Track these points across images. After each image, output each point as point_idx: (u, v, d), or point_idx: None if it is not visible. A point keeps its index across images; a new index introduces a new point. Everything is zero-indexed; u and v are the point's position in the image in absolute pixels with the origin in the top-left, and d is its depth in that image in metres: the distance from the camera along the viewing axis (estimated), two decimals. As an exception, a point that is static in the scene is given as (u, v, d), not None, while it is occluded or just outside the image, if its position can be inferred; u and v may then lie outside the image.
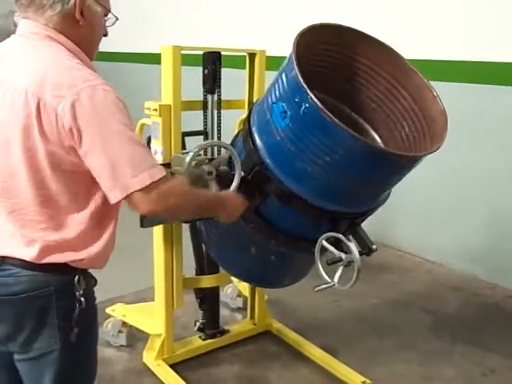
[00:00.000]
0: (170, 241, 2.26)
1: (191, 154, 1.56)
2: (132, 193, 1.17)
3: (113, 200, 1.19)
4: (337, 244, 1.68)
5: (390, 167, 1.55)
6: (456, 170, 3.38)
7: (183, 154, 1.66)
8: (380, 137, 1.91)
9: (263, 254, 1.90)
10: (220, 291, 2.93)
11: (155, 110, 2.11)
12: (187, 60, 2.19)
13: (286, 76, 1.53)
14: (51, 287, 1.24)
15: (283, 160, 1.58)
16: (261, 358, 2.52)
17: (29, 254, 1.22)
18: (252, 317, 2.71)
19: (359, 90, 1.84)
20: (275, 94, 1.58)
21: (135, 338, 2.57)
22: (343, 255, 1.63)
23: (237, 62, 2.63)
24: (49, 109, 1.14)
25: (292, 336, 2.62)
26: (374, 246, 1.71)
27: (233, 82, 2.49)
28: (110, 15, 1.35)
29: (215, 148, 2.20)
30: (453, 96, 3.30)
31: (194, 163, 1.58)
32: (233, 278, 2.82)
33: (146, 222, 2.09)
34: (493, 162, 3.24)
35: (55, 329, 1.26)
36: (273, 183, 1.61)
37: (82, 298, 1.29)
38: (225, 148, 1.65)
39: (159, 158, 2.15)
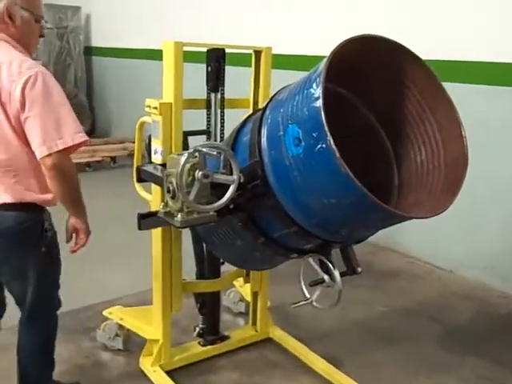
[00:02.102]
0: (169, 243, 2.18)
1: (186, 155, 1.48)
2: (55, 152, 1.61)
3: (39, 156, 1.62)
4: (322, 263, 1.66)
5: (393, 220, 1.50)
6: (470, 176, 3.26)
7: (179, 155, 1.58)
8: (395, 152, 1.82)
9: (248, 248, 1.85)
10: (222, 295, 2.87)
11: (155, 108, 2.03)
12: (193, 57, 2.12)
13: (309, 99, 1.43)
14: (30, 221, 1.76)
15: (287, 184, 1.52)
16: (261, 366, 2.44)
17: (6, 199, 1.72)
18: (253, 323, 2.63)
19: (389, 99, 1.75)
20: (293, 112, 1.48)
21: (132, 342, 2.50)
22: (326, 277, 1.61)
23: (241, 59, 2.55)
24: (5, 91, 1.61)
25: (294, 344, 2.53)
26: (359, 269, 1.73)
27: (238, 80, 2.41)
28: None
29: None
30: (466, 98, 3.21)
31: (188, 165, 1.50)
32: (235, 283, 2.76)
33: (144, 224, 2.02)
34: (508, 168, 3.12)
35: (35, 248, 1.80)
36: (270, 199, 1.55)
37: (50, 227, 1.83)
38: (223, 151, 1.56)
39: (159, 158, 2.08)
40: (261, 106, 2.27)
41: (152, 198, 2.17)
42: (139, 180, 2.06)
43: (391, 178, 1.80)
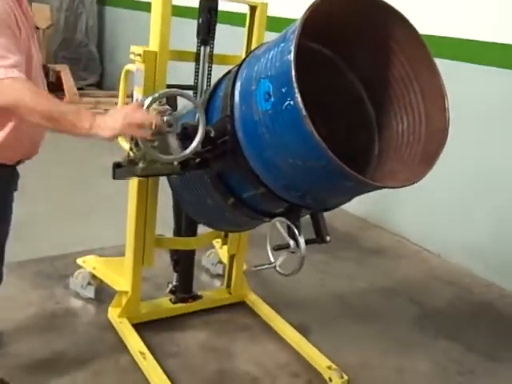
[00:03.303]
0: (145, 196, 2.15)
1: (150, 98, 1.43)
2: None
3: None
4: (289, 228, 1.61)
5: (362, 189, 1.44)
6: (466, 164, 3.18)
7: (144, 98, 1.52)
8: (378, 119, 1.75)
9: (218, 208, 1.81)
10: (202, 256, 2.85)
11: (139, 55, 1.97)
12: (186, 12, 2.05)
13: (282, 53, 1.36)
14: None
15: (255, 141, 1.46)
16: (230, 329, 2.43)
17: None
18: (228, 285, 2.62)
19: (374, 62, 1.67)
20: (267, 66, 1.41)
21: (104, 292, 2.50)
22: (291, 242, 1.56)
23: (236, 18, 2.46)
24: None
25: (266, 310, 2.52)
26: (328, 238, 1.67)
27: (232, 39, 2.33)
28: None
29: None
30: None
31: (154, 112, 1.44)
32: (215, 244, 2.73)
33: (118, 173, 1.98)
34: (503, 160, 3.03)
35: None
36: (238, 156, 1.49)
37: None
38: (191, 101, 1.50)
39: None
40: (252, 64, 2.21)
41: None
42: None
43: (372, 147, 1.74)
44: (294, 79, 1.28)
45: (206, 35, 2.11)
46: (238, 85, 1.54)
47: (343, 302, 2.78)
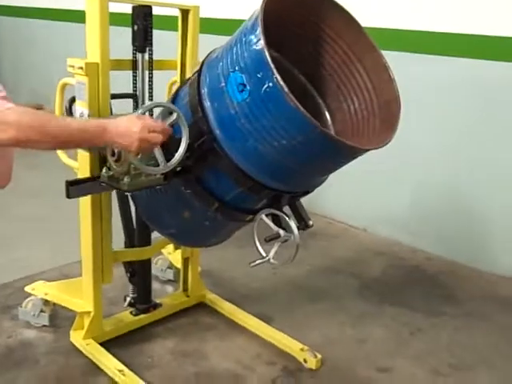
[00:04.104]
0: (99, 211, 2.09)
1: (139, 111, 1.41)
2: None
3: None
4: (275, 219, 1.67)
5: (344, 156, 1.54)
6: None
7: (123, 114, 1.50)
8: (327, 106, 1.87)
9: (197, 218, 1.82)
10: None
11: (80, 68, 1.90)
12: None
13: (249, 44, 1.41)
14: None
15: (234, 135, 1.49)
16: (196, 331, 2.45)
17: None
18: (185, 289, 2.62)
19: (315, 55, 1.77)
20: (233, 61, 1.46)
21: (59, 316, 2.39)
22: (281, 232, 1.64)
23: (166, 22, 2.46)
24: None
25: (226, 306, 2.57)
26: (311, 222, 1.75)
27: (163, 44, 2.31)
28: None
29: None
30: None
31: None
32: (163, 250, 2.72)
33: (73, 191, 1.91)
34: (426, 137, 3.32)
35: None
36: (219, 155, 1.52)
37: None
38: (172, 111, 1.51)
39: (86, 122, 1.97)
40: (189, 67, 2.23)
41: (79, 164, 2.06)
42: (67, 146, 1.93)
43: None
44: (269, 61, 1.34)
45: (143, 42, 2.09)
46: (203, 89, 1.56)
47: (295, 287, 2.91)
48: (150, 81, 2.15)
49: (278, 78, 1.33)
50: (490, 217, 3.19)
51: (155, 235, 2.37)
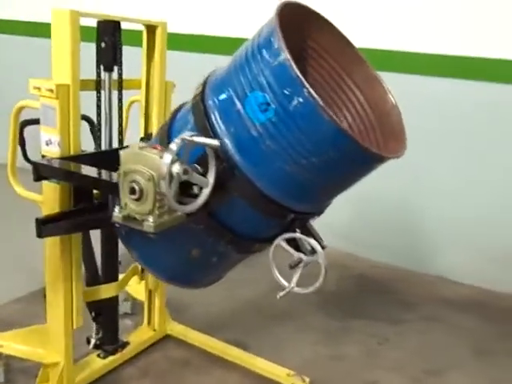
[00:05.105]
0: (69, 248, 1.87)
1: (173, 149, 1.25)
2: None
3: None
4: (290, 244, 1.60)
5: (370, 168, 1.50)
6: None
7: (143, 148, 1.33)
8: None
9: (205, 255, 1.69)
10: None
11: (50, 90, 1.69)
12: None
13: (268, 61, 1.33)
14: None
15: (258, 158, 1.39)
16: (170, 368, 2.29)
17: None
18: (149, 322, 2.44)
19: (305, 73, 1.72)
20: (249, 80, 1.36)
21: (14, 370, 2.10)
22: (303, 256, 1.57)
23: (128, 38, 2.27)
24: None
25: (196, 336, 2.43)
26: (325, 242, 1.68)
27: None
28: None
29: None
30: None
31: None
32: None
33: (46, 230, 1.69)
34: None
35: None
36: (239, 183, 1.41)
37: None
38: (209, 147, 1.35)
39: (55, 151, 1.75)
40: (157, 86, 2.08)
41: (44, 198, 1.82)
42: (40, 178, 1.69)
43: None
44: (299, 75, 1.27)
45: (111, 61, 1.92)
46: (213, 114, 1.45)
47: (256, 308, 2.83)
48: (120, 102, 1.97)
49: (311, 91, 1.27)
50: (428, 222, 3.38)
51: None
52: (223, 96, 1.45)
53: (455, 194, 3.25)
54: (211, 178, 1.34)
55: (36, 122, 1.83)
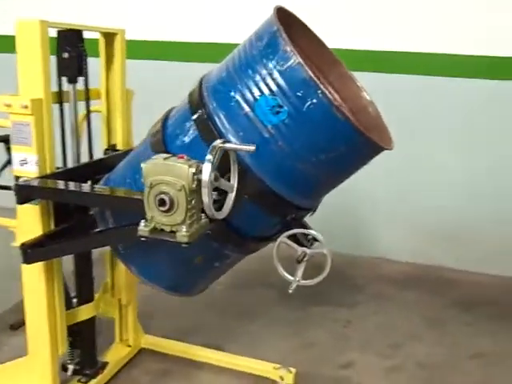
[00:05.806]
0: (52, 272, 1.77)
1: (211, 159, 1.23)
2: None
3: None
4: (291, 240, 1.67)
5: (369, 161, 1.59)
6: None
7: (168, 159, 1.29)
8: None
9: (209, 261, 1.69)
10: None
11: (25, 107, 1.58)
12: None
13: (276, 64, 1.36)
14: None
15: (269, 158, 1.43)
16: (153, 380, 2.24)
17: None
18: (121, 339, 2.37)
19: None
20: (257, 84, 1.39)
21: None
22: (306, 250, 1.64)
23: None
24: None
25: (173, 345, 2.40)
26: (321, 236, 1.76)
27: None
28: None
29: None
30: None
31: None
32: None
33: (31, 255, 1.60)
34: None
35: None
36: (250, 183, 1.44)
37: None
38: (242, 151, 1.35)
39: (32, 171, 1.65)
40: (118, 95, 2.03)
41: (19, 222, 1.70)
42: (26, 201, 1.58)
43: None
44: (312, 76, 1.32)
45: (75, 71, 1.83)
46: (220, 120, 1.46)
47: (219, 308, 2.85)
48: (89, 113, 1.90)
49: (325, 91, 1.33)
50: (372, 206, 3.59)
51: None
52: (227, 100, 1.46)
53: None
54: (235, 181, 1.36)
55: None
